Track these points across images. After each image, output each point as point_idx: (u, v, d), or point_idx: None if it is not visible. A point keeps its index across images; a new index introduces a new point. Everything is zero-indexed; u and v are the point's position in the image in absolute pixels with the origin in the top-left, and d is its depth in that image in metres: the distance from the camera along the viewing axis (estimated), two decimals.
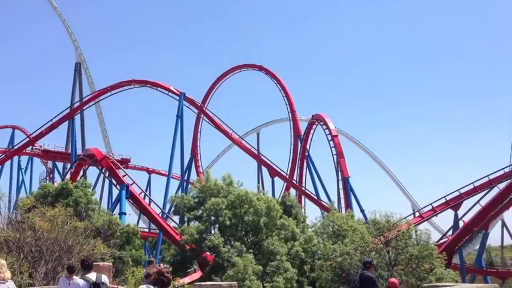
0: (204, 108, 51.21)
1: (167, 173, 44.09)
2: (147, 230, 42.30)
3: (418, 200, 62.07)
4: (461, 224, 33.55)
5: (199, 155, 54.99)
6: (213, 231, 24.86)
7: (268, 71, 54.49)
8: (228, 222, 23.20)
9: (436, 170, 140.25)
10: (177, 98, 46.21)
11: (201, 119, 52.96)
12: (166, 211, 37.71)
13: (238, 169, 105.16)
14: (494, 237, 68.89)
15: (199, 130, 54.81)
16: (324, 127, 46.77)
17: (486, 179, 36.89)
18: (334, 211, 31.11)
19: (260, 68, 54.91)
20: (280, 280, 20.24)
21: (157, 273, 5.28)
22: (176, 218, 33.92)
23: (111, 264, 11.76)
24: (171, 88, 47.09)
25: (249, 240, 23.98)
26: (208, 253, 24.64)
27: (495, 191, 32.05)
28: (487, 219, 32.10)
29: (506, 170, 36.32)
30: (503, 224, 65.55)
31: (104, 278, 7.96)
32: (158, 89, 47.69)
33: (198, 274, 25.88)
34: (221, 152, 65.34)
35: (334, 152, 44.50)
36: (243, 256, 20.84)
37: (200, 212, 25.47)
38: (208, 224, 24.23)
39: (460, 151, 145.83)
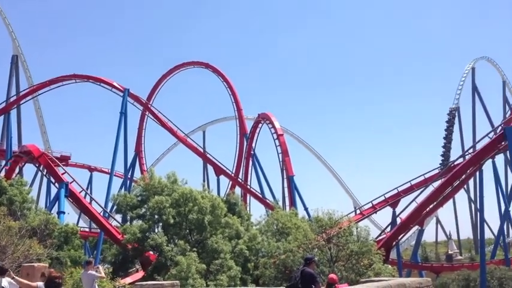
0: (149, 105, 50.35)
1: (110, 171, 43.04)
2: (87, 230, 41.11)
3: (360, 198, 63.93)
4: (398, 220, 34.91)
5: (143, 152, 53.97)
6: (156, 230, 24.47)
7: (214, 68, 54.30)
8: (172, 221, 22.93)
9: (377, 169, 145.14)
10: (121, 94, 45.17)
11: (146, 116, 52.07)
12: (108, 210, 36.81)
13: (184, 167, 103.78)
14: (429, 233, 72.30)
15: (144, 127, 53.80)
16: (270, 126, 47.23)
17: (422, 178, 38.67)
18: (278, 209, 31.46)
19: (206, 66, 54.63)
20: (224, 278, 20.25)
21: (47, 279, 5.30)
22: (119, 217, 33.17)
23: (46, 265, 11.34)
24: (115, 84, 45.94)
25: (193, 239, 23.82)
26: (151, 252, 24.26)
27: (430, 189, 33.55)
28: (423, 216, 33.55)
29: (440, 169, 38.24)
30: (438, 221, 68.78)
31: (4, 283, 7.82)
32: (101, 84, 46.41)
33: (140, 274, 25.43)
34: (166, 150, 64.47)
35: (280, 151, 45.04)
36: (186, 255, 20.67)
37: (143, 210, 25.02)
38: (152, 222, 23.85)
39: (399, 151, 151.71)
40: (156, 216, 23.92)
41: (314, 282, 8.27)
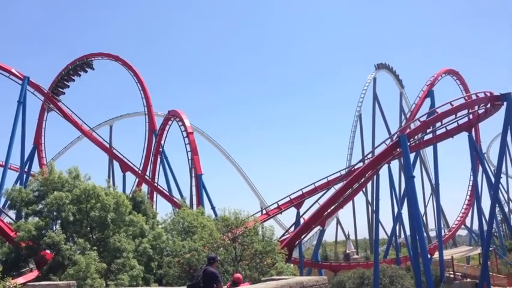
0: (51, 96, 47.54)
1: (4, 164, 40.11)
2: None
3: (267, 198, 65.38)
4: (302, 221, 36.17)
5: (43, 145, 50.68)
6: (54, 228, 23.09)
7: (125, 62, 52.52)
8: (71, 218, 21.77)
9: (284, 171, 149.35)
10: (20, 82, 42.30)
11: (47, 107, 49.08)
12: (0, 205, 34.26)
13: (88, 163, 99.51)
14: (330, 233, 75.84)
15: (44, 119, 50.49)
16: (180, 123, 46.71)
17: (325, 180, 40.40)
18: (185, 208, 31.18)
19: (116, 58, 52.64)
20: (125, 278, 19.63)
21: None
22: (12, 214, 30.91)
23: None
24: (13, 71, 42.86)
25: (94, 237, 22.81)
26: (47, 251, 22.89)
27: (332, 191, 35.16)
28: (324, 217, 35.07)
29: (343, 172, 40.20)
30: (338, 222, 72.31)
31: None
32: None
33: (34, 274, 23.94)
34: (69, 144, 61.08)
35: (189, 149, 44.71)
36: (86, 254, 19.76)
37: (40, 206, 23.45)
38: (49, 219, 22.41)
39: (305, 154, 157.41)
40: (54, 213, 22.55)
41: (216, 282, 8.33)
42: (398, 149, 31.75)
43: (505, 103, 32.20)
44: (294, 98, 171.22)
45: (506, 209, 62.04)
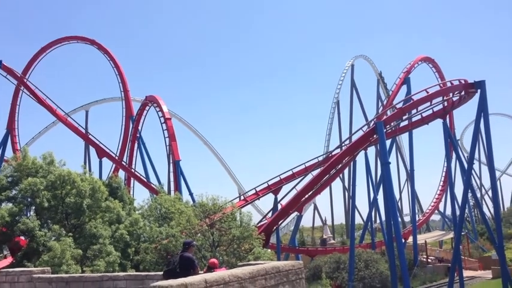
0: (25, 80, 46.48)
1: None
2: None
3: (245, 184, 65.56)
4: (279, 206, 36.44)
5: (16, 130, 49.65)
6: (29, 214, 22.73)
7: (101, 46, 51.61)
8: (46, 204, 21.44)
9: (262, 157, 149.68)
10: None
11: (21, 91, 48.04)
12: None
13: (63, 148, 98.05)
14: (307, 219, 76.67)
15: (18, 103, 49.45)
16: (157, 109, 46.31)
17: (303, 166, 40.69)
18: (162, 194, 31.05)
19: (92, 42, 51.68)
20: (101, 264, 19.49)
21: None
22: None
23: None
24: None
25: (69, 223, 22.54)
26: (22, 237, 22.55)
27: (309, 177, 35.44)
28: (301, 203, 35.38)
29: (320, 158, 40.53)
30: (315, 207, 73.13)
31: None
32: None
33: (8, 260, 23.58)
34: (44, 129, 59.95)
35: (167, 135, 44.43)
36: (61, 240, 19.54)
37: (14, 192, 23.02)
38: (23, 205, 22.05)
39: (284, 140, 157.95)
40: (28, 199, 22.17)
41: (193, 267, 8.33)
42: (374, 136, 32.10)
43: (478, 91, 32.75)
44: (272, 85, 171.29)
45: (478, 195, 63.64)
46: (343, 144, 39.78)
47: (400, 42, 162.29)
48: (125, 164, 48.23)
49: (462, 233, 43.22)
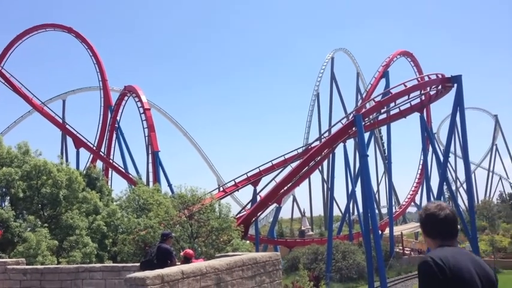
0: (0, 68, 45.41)
1: None
2: None
3: (224, 175, 65.53)
4: (258, 198, 36.54)
5: None
6: (3, 205, 22.34)
7: (78, 34, 50.65)
8: (21, 195, 21.09)
9: (242, 149, 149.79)
10: None
11: None
12: None
13: (39, 138, 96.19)
14: (286, 210, 77.17)
15: None
16: (136, 99, 45.81)
17: (282, 158, 40.83)
18: (141, 185, 30.82)
19: (69, 30, 50.68)
20: (78, 255, 19.31)
21: None
22: None
23: None
24: None
25: (45, 214, 22.23)
26: None
27: (288, 169, 35.59)
28: (280, 195, 35.56)
29: (299, 150, 40.71)
30: (294, 199, 73.56)
31: None
32: None
33: None
34: (19, 118, 58.67)
35: (145, 125, 44.03)
36: (36, 231, 19.27)
37: None
38: None
39: (263, 132, 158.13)
40: (3, 189, 21.77)
41: (170, 258, 8.33)
42: (353, 128, 32.37)
43: (455, 85, 33.29)
44: (253, 76, 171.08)
45: (453, 187, 64.87)
46: (322, 137, 40.02)
47: (379, 36, 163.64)
48: (102, 154, 47.68)
49: None
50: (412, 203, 63.15)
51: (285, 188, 35.08)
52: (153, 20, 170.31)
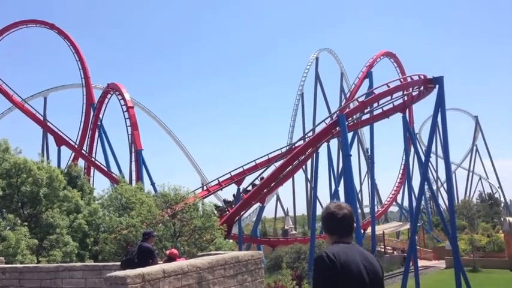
0: None
1: None
2: None
3: (208, 175, 65.29)
4: (242, 197, 36.52)
5: None
6: None
7: (61, 31, 50.01)
8: (0, 193, 20.77)
9: (226, 148, 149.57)
10: None
11: None
12: None
13: (19, 135, 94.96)
14: (269, 209, 77.29)
15: None
16: (120, 97, 45.38)
17: (266, 158, 40.87)
18: (123, 183, 30.54)
19: (51, 27, 50.00)
20: (58, 254, 19.07)
21: None
22: None
23: None
24: None
25: (25, 213, 21.92)
26: None
27: (272, 168, 35.64)
28: (264, 194, 35.57)
29: (283, 150, 40.80)
30: (278, 198, 73.70)
31: None
32: None
33: None
34: None
35: (129, 124, 43.64)
36: (16, 229, 18.99)
37: None
38: None
39: (248, 131, 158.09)
40: None
41: (151, 257, 8.30)
42: (337, 128, 32.53)
43: (437, 86, 33.67)
44: (238, 76, 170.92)
45: (434, 187, 65.73)
46: (306, 136, 40.13)
47: (363, 36, 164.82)
48: (84, 152, 47.17)
49: (418, 224, 44.57)
50: (394, 203, 63.82)
51: (269, 187, 35.07)
52: (139, 18, 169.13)
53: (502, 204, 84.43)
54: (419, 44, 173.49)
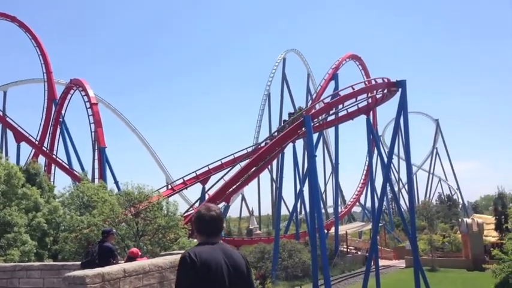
0: None
1: None
2: None
3: (173, 173, 64.59)
4: (207, 196, 36.32)
5: None
6: None
7: (22, 23, 48.53)
8: None
9: (192, 147, 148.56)
10: None
11: None
12: None
13: None
14: (235, 209, 77.29)
15: None
16: (83, 93, 44.37)
17: (232, 157, 40.78)
18: (86, 181, 29.88)
19: (13, 19, 48.46)
20: (16, 253, 18.52)
21: None
22: None
23: None
24: None
25: None
26: None
27: (238, 168, 35.60)
28: (229, 193, 35.50)
29: (249, 150, 40.83)
30: (243, 198, 73.71)
31: None
32: None
33: None
34: None
35: (92, 121, 42.75)
36: None
37: None
38: None
39: (214, 131, 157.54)
40: None
41: (112, 256, 8.15)
42: (303, 129, 32.80)
43: (399, 89, 34.43)
44: (204, 75, 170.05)
45: (396, 188, 67.18)
46: (272, 136, 40.29)
47: (331, 38, 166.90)
48: (45, 149, 45.92)
49: (380, 224, 45.46)
50: (357, 203, 64.90)
51: (234, 186, 35.01)
52: (106, 15, 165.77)
53: (460, 206, 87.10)
54: (385, 47, 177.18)
